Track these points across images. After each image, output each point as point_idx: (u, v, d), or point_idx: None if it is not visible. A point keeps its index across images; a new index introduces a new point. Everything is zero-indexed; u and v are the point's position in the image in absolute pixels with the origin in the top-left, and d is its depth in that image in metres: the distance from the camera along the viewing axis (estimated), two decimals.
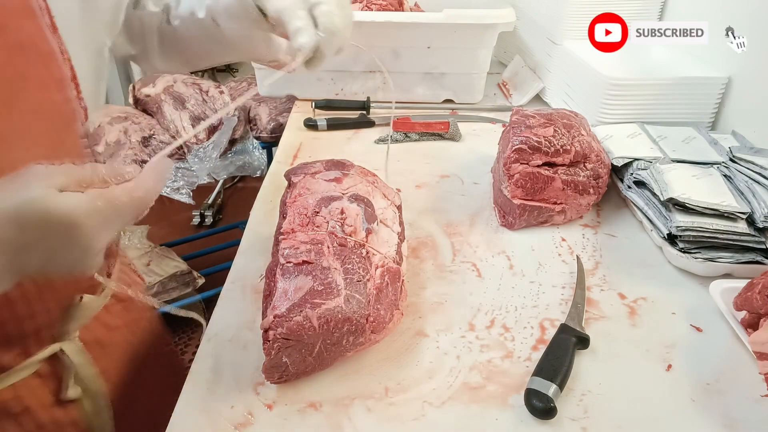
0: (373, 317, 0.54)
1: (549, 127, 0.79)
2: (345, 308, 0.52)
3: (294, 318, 0.50)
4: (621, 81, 0.95)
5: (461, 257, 0.75)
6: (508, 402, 0.54)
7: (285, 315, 0.50)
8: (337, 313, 0.52)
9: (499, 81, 1.36)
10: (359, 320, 0.53)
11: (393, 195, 0.69)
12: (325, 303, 0.52)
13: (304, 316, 0.51)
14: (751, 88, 0.92)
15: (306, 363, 0.54)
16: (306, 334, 0.51)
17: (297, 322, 0.50)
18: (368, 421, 0.52)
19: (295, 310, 0.51)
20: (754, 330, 0.58)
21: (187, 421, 0.52)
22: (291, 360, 0.52)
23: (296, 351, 0.52)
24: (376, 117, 1.15)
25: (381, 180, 0.70)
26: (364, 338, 0.55)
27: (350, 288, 0.54)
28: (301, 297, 0.52)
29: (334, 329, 0.52)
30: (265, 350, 0.51)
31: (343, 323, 0.52)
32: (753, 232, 0.69)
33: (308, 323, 0.51)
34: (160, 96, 1.59)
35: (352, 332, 0.53)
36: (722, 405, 0.54)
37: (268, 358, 0.51)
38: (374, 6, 1.21)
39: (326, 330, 0.52)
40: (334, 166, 0.68)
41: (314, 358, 0.54)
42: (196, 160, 1.55)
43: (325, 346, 0.53)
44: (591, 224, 0.83)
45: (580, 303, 0.65)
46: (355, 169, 0.69)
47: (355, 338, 0.54)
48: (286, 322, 0.50)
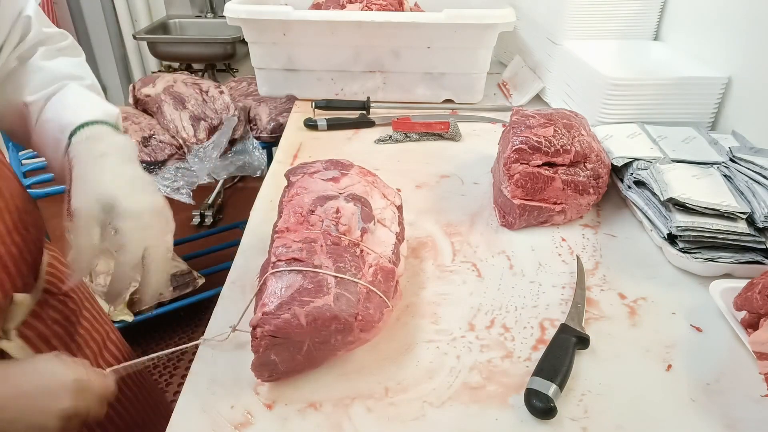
0: (362, 316, 0.54)
1: (549, 127, 0.79)
2: (333, 307, 0.52)
3: (282, 315, 0.51)
4: (621, 81, 0.95)
5: (461, 257, 0.75)
6: (508, 402, 0.54)
7: (273, 312, 0.51)
8: (325, 311, 0.52)
9: (499, 81, 1.36)
10: (347, 319, 0.53)
11: (393, 195, 0.69)
12: (313, 301, 0.52)
13: (292, 314, 0.51)
14: (751, 88, 0.92)
15: (295, 361, 0.54)
16: (294, 331, 0.51)
17: (285, 320, 0.50)
18: (368, 421, 0.52)
19: (283, 308, 0.51)
20: (754, 330, 0.58)
21: (187, 421, 0.52)
22: (280, 358, 0.53)
23: (285, 349, 0.52)
24: (376, 117, 1.15)
25: (381, 180, 0.70)
26: (353, 337, 0.55)
27: (340, 287, 0.54)
28: (290, 295, 0.52)
29: (322, 327, 0.52)
30: (253, 347, 0.51)
31: (331, 321, 0.52)
32: (753, 232, 0.69)
33: (296, 321, 0.51)
34: (160, 96, 1.59)
35: (340, 331, 0.53)
36: (722, 405, 0.54)
37: (257, 356, 0.52)
38: (374, 6, 1.21)
39: (314, 328, 0.52)
40: (333, 166, 0.68)
41: (303, 356, 0.54)
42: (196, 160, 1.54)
43: (314, 344, 0.53)
44: (591, 224, 0.83)
45: (580, 303, 0.65)
46: (355, 168, 0.69)
47: (343, 337, 0.54)
48: (274, 319, 0.50)
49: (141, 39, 2.44)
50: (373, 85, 1.23)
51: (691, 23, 1.07)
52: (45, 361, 0.49)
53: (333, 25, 1.13)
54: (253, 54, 1.21)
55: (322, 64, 1.20)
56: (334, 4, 1.22)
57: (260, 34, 1.17)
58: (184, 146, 1.56)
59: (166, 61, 2.72)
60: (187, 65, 2.61)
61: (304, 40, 1.16)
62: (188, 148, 1.56)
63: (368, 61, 1.19)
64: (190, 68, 2.62)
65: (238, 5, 1.13)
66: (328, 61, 1.20)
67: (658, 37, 1.18)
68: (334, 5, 1.22)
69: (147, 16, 2.68)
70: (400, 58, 1.18)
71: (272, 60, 1.21)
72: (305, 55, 1.19)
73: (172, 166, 1.55)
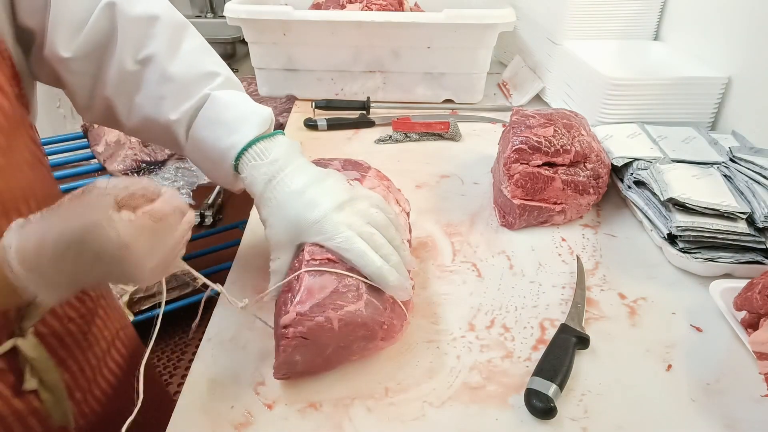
0: (387, 325, 0.53)
1: (549, 127, 0.79)
2: (365, 313, 0.51)
3: (316, 318, 0.50)
4: (621, 81, 0.95)
5: (461, 257, 0.75)
6: (508, 402, 0.54)
7: (307, 314, 0.50)
8: (357, 317, 0.51)
9: (499, 81, 1.36)
10: (374, 326, 0.52)
11: (404, 201, 0.68)
12: (346, 306, 0.51)
13: (326, 317, 0.50)
14: (751, 88, 0.92)
15: (315, 363, 0.54)
16: (325, 335, 0.50)
17: (318, 323, 0.50)
18: (368, 421, 0.52)
19: (317, 310, 0.50)
20: (754, 330, 0.58)
21: (187, 421, 0.52)
22: (303, 359, 0.52)
23: (309, 350, 0.52)
24: (376, 117, 1.15)
25: (394, 185, 0.70)
26: (374, 345, 0.54)
27: (370, 293, 0.53)
28: (325, 297, 0.51)
29: (351, 333, 0.52)
30: (281, 346, 0.50)
31: (360, 328, 0.52)
32: (753, 232, 0.69)
33: (329, 324, 0.50)
34: None
35: (365, 337, 0.53)
36: (722, 405, 0.54)
37: (284, 355, 0.51)
38: (374, 6, 1.21)
39: (344, 333, 0.51)
40: (351, 167, 0.67)
41: (324, 358, 0.53)
42: None
43: (337, 348, 0.53)
44: (591, 224, 0.83)
45: (580, 303, 0.65)
46: (372, 171, 0.68)
47: (366, 343, 0.54)
48: (308, 321, 0.50)
49: None
50: (373, 85, 1.23)
51: (691, 23, 1.07)
52: (106, 228, 0.43)
53: (333, 25, 1.13)
54: (253, 54, 1.21)
55: (322, 64, 1.21)
56: (334, 4, 1.22)
57: (260, 34, 1.17)
58: None
59: None
60: None
61: (304, 40, 1.16)
62: None
63: (368, 61, 1.19)
64: None
65: (238, 5, 1.13)
66: (328, 61, 1.20)
67: (658, 37, 1.18)
68: (334, 5, 1.22)
69: None
70: (400, 58, 1.18)
71: (272, 60, 1.21)
72: (305, 55, 1.19)
73: (172, 166, 1.54)
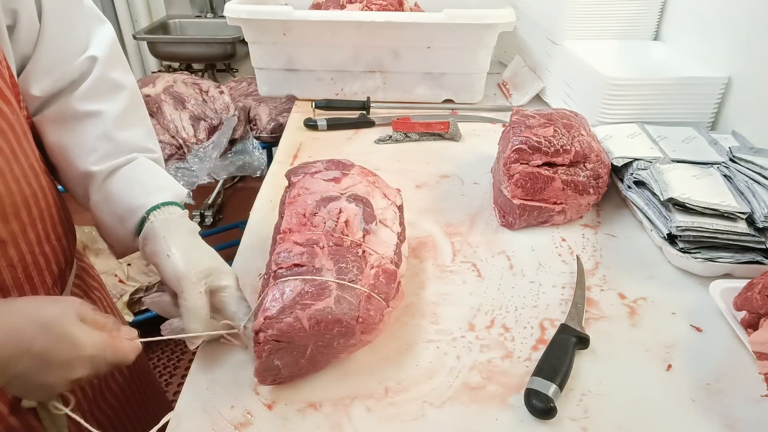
0: (363, 318, 0.54)
1: (549, 127, 0.79)
2: (335, 309, 0.52)
3: (284, 319, 0.50)
4: (621, 81, 0.95)
5: (461, 257, 0.75)
6: (508, 402, 0.54)
7: (275, 316, 0.50)
8: (327, 314, 0.51)
9: (499, 81, 1.36)
10: (349, 322, 0.52)
11: (394, 195, 0.69)
12: (315, 304, 0.51)
13: (294, 318, 0.50)
14: (751, 88, 0.92)
15: (299, 365, 0.54)
16: (297, 335, 0.51)
17: (288, 324, 0.50)
18: (368, 421, 0.52)
19: (285, 312, 0.51)
20: (754, 330, 0.58)
21: (187, 421, 0.52)
22: (283, 362, 0.52)
23: (288, 353, 0.52)
24: (376, 117, 1.15)
25: (382, 180, 0.70)
26: (355, 339, 0.54)
27: (341, 289, 0.53)
28: (292, 299, 0.51)
29: (325, 330, 0.52)
30: (256, 352, 0.51)
31: (334, 324, 0.52)
32: (753, 232, 0.69)
33: (299, 324, 0.50)
34: (160, 96, 1.59)
35: (342, 334, 0.53)
36: (722, 405, 0.54)
37: (260, 361, 0.51)
38: (374, 6, 1.21)
39: (317, 331, 0.51)
40: (334, 166, 0.68)
41: (307, 360, 0.53)
42: (196, 160, 1.54)
43: (317, 347, 0.53)
44: (591, 224, 0.83)
45: (580, 303, 0.65)
46: (356, 168, 0.69)
47: (345, 340, 0.54)
48: (277, 323, 0.50)
49: (141, 39, 2.44)
50: (373, 85, 1.23)
51: (691, 23, 1.07)
52: (69, 324, 0.46)
53: (333, 25, 1.13)
54: (253, 54, 1.21)
55: (322, 64, 1.21)
56: (334, 4, 1.22)
57: (260, 34, 1.17)
58: (184, 146, 1.56)
59: (166, 61, 2.72)
60: (187, 65, 2.61)
61: (304, 40, 1.16)
62: (188, 148, 1.56)
63: (368, 61, 1.19)
64: (190, 68, 2.62)
65: (238, 5, 1.13)
66: (328, 61, 1.20)
67: (658, 37, 1.18)
68: (334, 5, 1.22)
69: (147, 16, 2.68)
70: (400, 58, 1.18)
71: (272, 60, 1.21)
72: (305, 55, 1.19)
73: (172, 166, 1.55)
